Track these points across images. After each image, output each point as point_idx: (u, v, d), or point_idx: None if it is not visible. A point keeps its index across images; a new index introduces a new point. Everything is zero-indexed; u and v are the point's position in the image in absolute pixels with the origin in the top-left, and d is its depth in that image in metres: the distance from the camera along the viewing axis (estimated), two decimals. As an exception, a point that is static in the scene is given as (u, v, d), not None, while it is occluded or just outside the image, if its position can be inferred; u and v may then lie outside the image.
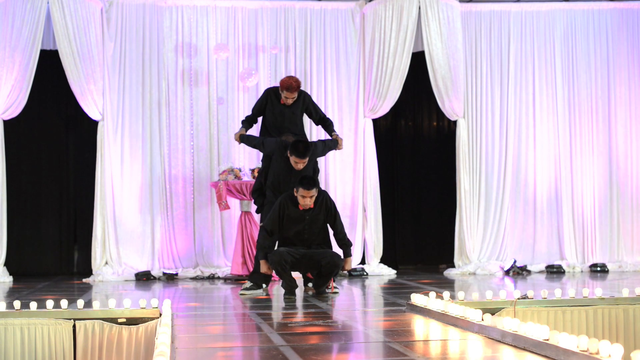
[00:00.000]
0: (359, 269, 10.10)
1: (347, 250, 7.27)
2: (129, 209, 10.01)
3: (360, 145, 10.51)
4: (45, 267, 10.85)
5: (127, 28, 10.15)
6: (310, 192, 6.97)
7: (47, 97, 10.72)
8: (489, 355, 3.82)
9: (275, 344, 4.22)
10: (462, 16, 10.58)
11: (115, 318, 5.49)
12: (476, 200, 10.55)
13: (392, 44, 10.25)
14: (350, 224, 10.31)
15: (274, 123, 7.91)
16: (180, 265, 10.15)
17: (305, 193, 6.96)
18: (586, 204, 10.70)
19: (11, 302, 5.77)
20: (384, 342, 4.34)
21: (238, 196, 9.63)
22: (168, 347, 3.72)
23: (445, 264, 10.83)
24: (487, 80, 10.71)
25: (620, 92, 10.82)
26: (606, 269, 10.38)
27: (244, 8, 10.52)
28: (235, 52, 10.45)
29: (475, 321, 4.45)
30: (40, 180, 10.99)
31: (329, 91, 10.61)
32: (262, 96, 8.12)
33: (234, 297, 7.43)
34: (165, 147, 10.21)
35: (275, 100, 7.93)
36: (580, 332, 5.71)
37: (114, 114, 10.02)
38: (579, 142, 10.74)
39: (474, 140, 10.61)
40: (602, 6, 10.88)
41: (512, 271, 10.10)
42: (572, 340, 3.42)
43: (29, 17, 9.50)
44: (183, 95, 10.33)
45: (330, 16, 10.64)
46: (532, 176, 10.70)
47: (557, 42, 10.80)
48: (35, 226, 10.91)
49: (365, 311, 6.34)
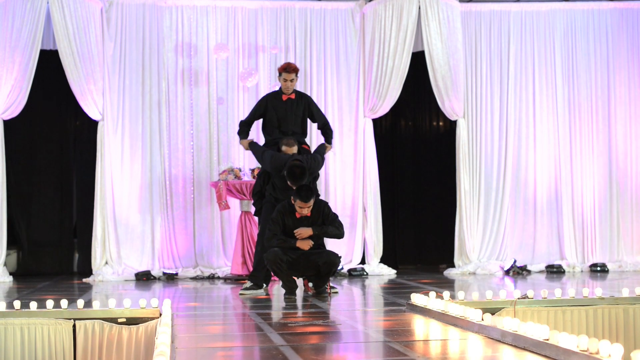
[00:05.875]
0: (359, 269, 10.10)
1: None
2: (129, 208, 10.02)
3: (360, 145, 10.51)
4: (45, 267, 10.84)
5: (127, 28, 10.15)
6: (307, 204, 6.97)
7: (47, 97, 10.71)
8: (489, 355, 3.82)
9: (275, 344, 4.22)
10: (462, 16, 10.58)
11: (115, 318, 5.49)
12: (476, 200, 10.55)
13: (392, 43, 10.25)
14: (350, 224, 10.30)
15: (277, 124, 7.91)
16: (180, 265, 10.15)
17: (303, 205, 6.96)
18: (586, 204, 10.70)
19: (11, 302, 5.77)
20: (384, 342, 4.34)
21: (238, 196, 9.63)
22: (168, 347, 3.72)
23: (445, 264, 10.82)
24: (487, 80, 10.71)
25: (620, 92, 10.82)
26: (606, 269, 10.37)
27: (244, 8, 10.52)
28: (235, 52, 10.45)
29: (475, 321, 4.45)
30: (40, 180, 10.98)
31: (329, 91, 10.61)
32: (259, 104, 8.10)
33: (234, 297, 7.43)
34: (165, 147, 10.21)
35: (276, 100, 7.95)
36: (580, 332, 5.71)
37: (114, 114, 10.02)
38: (579, 142, 10.74)
39: (474, 140, 10.61)
40: (602, 6, 10.88)
41: (512, 271, 10.10)
42: (572, 340, 3.42)
43: (29, 17, 9.50)
44: (183, 95, 10.33)
45: (330, 16, 10.64)
46: (532, 176, 10.70)
47: (557, 42, 10.80)
48: (35, 226, 10.91)
49: (365, 311, 6.35)
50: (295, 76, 7.91)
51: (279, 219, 7.10)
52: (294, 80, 7.90)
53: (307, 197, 6.92)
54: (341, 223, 7.23)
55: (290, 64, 7.95)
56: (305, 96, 8.14)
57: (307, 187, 7.07)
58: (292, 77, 7.87)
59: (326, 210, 7.18)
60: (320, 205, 7.19)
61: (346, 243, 10.11)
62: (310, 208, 7.02)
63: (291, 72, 7.86)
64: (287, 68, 7.88)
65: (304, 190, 6.96)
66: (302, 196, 6.92)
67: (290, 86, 7.91)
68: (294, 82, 7.92)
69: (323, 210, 7.16)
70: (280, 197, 7.48)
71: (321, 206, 7.18)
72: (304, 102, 7.99)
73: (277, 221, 7.09)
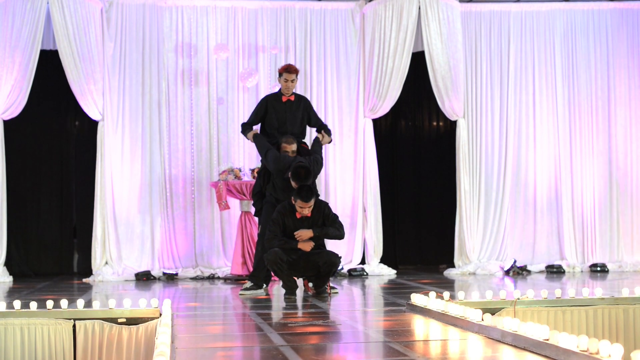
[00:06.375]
0: (359, 269, 10.10)
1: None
2: (129, 209, 10.01)
3: (360, 145, 10.51)
4: (45, 267, 10.84)
5: (127, 28, 10.15)
6: (308, 204, 6.97)
7: (47, 97, 10.71)
8: (489, 355, 3.82)
9: (275, 344, 4.22)
10: (462, 16, 10.58)
11: (115, 318, 5.49)
12: (476, 200, 10.55)
13: (392, 44, 10.25)
14: (350, 224, 10.30)
15: (277, 125, 7.92)
16: (180, 265, 10.16)
17: (303, 205, 6.96)
18: (586, 204, 10.70)
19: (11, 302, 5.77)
20: (384, 342, 4.34)
21: (238, 196, 9.63)
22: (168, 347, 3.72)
23: (445, 264, 10.82)
24: (487, 80, 10.71)
25: (620, 92, 10.82)
26: (606, 269, 10.37)
27: (244, 8, 10.52)
28: (235, 52, 10.45)
29: (475, 321, 4.45)
30: (40, 180, 10.98)
31: (329, 91, 10.61)
32: (260, 104, 8.12)
33: (234, 297, 7.43)
34: (165, 147, 10.21)
35: (276, 102, 7.97)
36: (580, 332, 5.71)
37: (114, 114, 10.02)
38: (579, 142, 10.74)
39: (474, 140, 10.61)
40: (602, 6, 10.88)
41: (512, 271, 10.10)
42: (572, 340, 3.42)
43: (29, 17, 9.50)
44: (183, 95, 10.33)
45: (330, 16, 10.64)
46: (532, 176, 10.70)
47: (557, 42, 10.80)
48: (35, 226, 10.91)
49: (365, 311, 6.34)
50: (296, 77, 7.94)
51: (279, 220, 7.10)
52: (294, 81, 7.93)
53: (308, 197, 6.93)
54: (341, 224, 7.23)
55: (291, 65, 7.99)
56: (304, 99, 8.18)
57: (308, 187, 7.07)
58: (292, 78, 7.90)
59: (326, 211, 7.18)
60: (321, 206, 7.19)
61: (346, 243, 10.11)
62: (310, 208, 7.02)
63: (292, 72, 7.89)
64: (288, 69, 7.91)
65: (305, 191, 6.96)
66: (303, 196, 6.92)
67: (291, 87, 7.93)
68: (294, 83, 7.94)
69: (323, 211, 7.17)
70: (281, 198, 7.48)
71: (321, 207, 7.18)
72: (302, 105, 8.03)
73: (278, 222, 7.09)
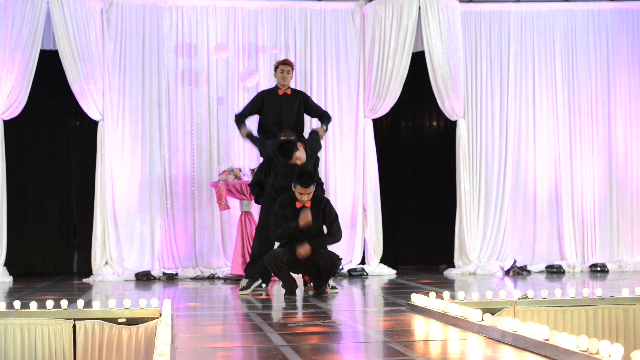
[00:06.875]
0: (359, 269, 10.10)
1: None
2: (129, 208, 10.01)
3: (360, 145, 10.51)
4: (45, 267, 10.85)
5: (127, 28, 10.15)
6: (307, 190, 6.98)
7: (47, 97, 10.71)
8: (489, 355, 3.82)
9: (275, 344, 4.22)
10: (462, 16, 10.58)
11: (115, 318, 5.48)
12: (476, 200, 10.55)
13: (392, 44, 10.25)
14: (350, 224, 10.30)
15: (274, 119, 7.94)
16: (180, 265, 10.15)
17: (303, 190, 6.98)
18: (586, 204, 10.70)
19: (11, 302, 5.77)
20: (384, 342, 4.34)
21: (238, 196, 9.62)
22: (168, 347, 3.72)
23: (445, 264, 10.82)
24: (487, 80, 10.71)
25: (620, 92, 10.81)
26: (606, 269, 10.37)
27: (244, 8, 10.52)
28: (235, 52, 10.45)
29: (475, 321, 4.45)
30: (40, 180, 10.98)
31: (329, 91, 10.61)
32: (255, 98, 8.17)
33: (234, 297, 7.43)
34: (165, 147, 10.21)
35: (272, 96, 8.02)
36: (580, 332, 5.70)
37: (114, 114, 10.02)
38: (579, 142, 10.74)
39: (474, 140, 10.61)
40: (602, 6, 10.88)
41: (512, 271, 10.10)
42: (572, 340, 3.42)
43: (29, 17, 9.50)
44: (183, 96, 10.33)
45: (330, 16, 10.64)
46: (532, 176, 10.70)
47: (557, 42, 10.80)
48: (35, 226, 10.91)
49: (365, 311, 6.34)
50: (292, 69, 8.06)
51: (280, 211, 7.14)
52: (290, 73, 8.02)
53: (308, 182, 6.95)
54: (339, 226, 7.24)
55: (287, 59, 8.23)
56: (301, 92, 8.29)
57: (308, 173, 7.11)
58: (288, 69, 8.03)
59: (327, 209, 7.17)
60: (322, 202, 7.19)
61: (346, 243, 10.11)
62: (310, 195, 7.03)
63: (288, 64, 8.04)
64: (285, 60, 8.12)
65: (305, 176, 6.99)
66: (303, 181, 6.95)
67: (287, 78, 8.01)
68: (290, 75, 8.03)
69: (324, 208, 7.16)
70: (283, 184, 7.48)
71: (322, 203, 7.18)
72: (299, 98, 8.08)
73: (280, 213, 7.14)
